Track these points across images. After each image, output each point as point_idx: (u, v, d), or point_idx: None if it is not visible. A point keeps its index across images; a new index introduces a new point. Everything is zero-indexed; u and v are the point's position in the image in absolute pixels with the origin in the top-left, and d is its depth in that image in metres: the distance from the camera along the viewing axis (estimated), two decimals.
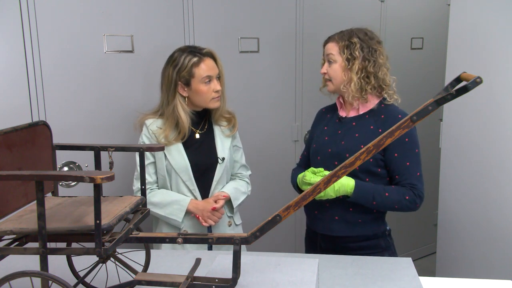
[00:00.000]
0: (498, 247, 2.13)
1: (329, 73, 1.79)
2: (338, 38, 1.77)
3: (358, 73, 1.72)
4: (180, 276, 1.23)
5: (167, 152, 1.89)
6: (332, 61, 1.77)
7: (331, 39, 1.80)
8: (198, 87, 1.86)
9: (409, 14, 3.29)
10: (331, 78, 1.79)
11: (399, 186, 1.70)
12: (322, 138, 1.85)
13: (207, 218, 1.87)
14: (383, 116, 1.75)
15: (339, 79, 1.77)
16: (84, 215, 1.12)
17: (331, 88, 1.82)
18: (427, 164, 3.47)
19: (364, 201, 1.67)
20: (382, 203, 1.67)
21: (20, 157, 1.18)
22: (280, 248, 2.83)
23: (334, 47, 1.77)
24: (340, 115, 1.85)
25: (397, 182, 1.72)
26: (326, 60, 1.80)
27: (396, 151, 1.70)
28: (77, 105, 2.13)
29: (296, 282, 1.24)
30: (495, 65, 2.08)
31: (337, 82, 1.78)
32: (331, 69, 1.78)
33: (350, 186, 1.65)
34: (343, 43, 1.75)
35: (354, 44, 1.73)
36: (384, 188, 1.69)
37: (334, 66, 1.77)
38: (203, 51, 1.89)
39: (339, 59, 1.76)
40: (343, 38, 1.75)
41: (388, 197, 1.67)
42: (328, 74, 1.79)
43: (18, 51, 1.96)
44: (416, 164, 1.72)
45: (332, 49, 1.77)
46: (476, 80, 1.02)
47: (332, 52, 1.77)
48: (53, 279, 1.01)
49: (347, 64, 1.74)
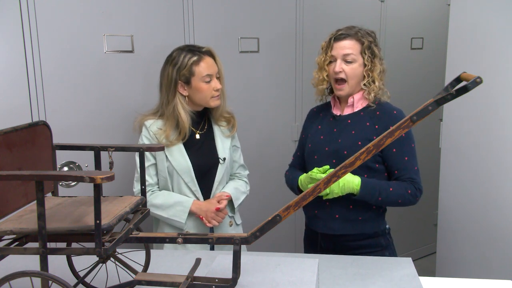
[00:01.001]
0: (498, 247, 2.13)
1: (346, 72, 1.72)
2: (360, 37, 1.71)
3: (380, 73, 1.73)
4: (180, 276, 1.23)
5: (168, 153, 1.88)
6: (351, 61, 1.71)
7: (348, 36, 1.72)
8: (198, 86, 1.86)
9: (409, 14, 3.29)
10: (348, 78, 1.72)
11: (400, 181, 1.71)
12: (317, 137, 1.84)
13: (211, 219, 1.87)
14: (378, 113, 1.75)
15: (358, 79, 1.74)
16: (84, 215, 1.12)
17: (345, 91, 1.74)
18: (427, 164, 3.49)
19: (369, 198, 1.67)
20: (387, 199, 1.67)
21: (20, 157, 1.18)
22: (280, 248, 2.83)
23: (355, 46, 1.71)
24: (334, 113, 1.84)
25: (397, 177, 1.72)
26: (340, 59, 1.73)
27: (394, 146, 1.70)
28: (77, 105, 2.13)
29: (296, 282, 1.24)
30: (495, 65, 2.08)
31: (354, 82, 1.73)
32: (350, 69, 1.71)
33: (356, 183, 1.64)
34: (366, 42, 1.71)
35: (371, 42, 1.73)
36: (387, 183, 1.69)
37: (354, 66, 1.72)
38: (203, 49, 1.89)
39: (360, 59, 1.72)
40: (364, 37, 1.72)
41: (392, 192, 1.67)
42: (344, 73, 1.72)
43: (18, 51, 1.96)
44: (413, 158, 1.73)
45: (352, 47, 1.71)
46: (476, 80, 1.02)
47: (352, 51, 1.71)
48: (53, 279, 1.01)
49: (368, 65, 1.72)
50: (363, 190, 1.64)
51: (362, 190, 1.64)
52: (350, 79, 1.73)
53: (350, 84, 1.74)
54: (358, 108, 1.79)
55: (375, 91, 1.74)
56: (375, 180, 1.70)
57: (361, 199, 1.67)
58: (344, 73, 1.73)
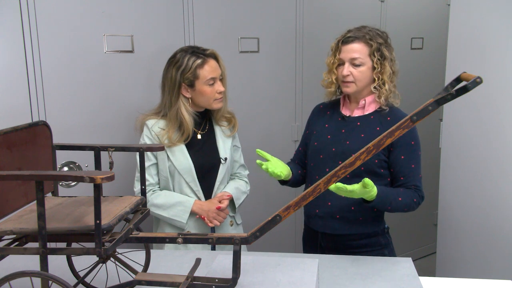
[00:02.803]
0: (498, 247, 2.13)
1: (354, 75, 1.71)
2: (368, 40, 1.70)
3: (390, 75, 1.72)
4: (180, 276, 1.23)
5: (170, 153, 1.88)
6: (359, 64, 1.70)
7: (356, 40, 1.71)
8: (202, 89, 1.86)
9: (409, 14, 3.29)
10: (356, 80, 1.72)
11: (406, 189, 1.70)
12: (324, 136, 1.82)
13: (212, 219, 1.87)
14: (389, 118, 1.74)
15: (366, 81, 1.73)
16: (84, 215, 1.12)
17: (351, 90, 1.74)
18: (427, 164, 3.47)
19: (381, 206, 1.63)
20: (395, 207, 1.66)
21: (20, 157, 1.18)
22: (280, 248, 2.83)
23: (363, 49, 1.70)
24: (343, 113, 1.83)
25: (401, 183, 1.71)
26: (348, 62, 1.72)
27: (403, 153, 1.70)
28: (77, 105, 2.13)
29: (296, 282, 1.24)
30: (495, 65, 2.08)
31: (362, 84, 1.73)
32: (358, 72, 1.71)
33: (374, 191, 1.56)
34: (374, 45, 1.70)
35: (382, 44, 1.71)
36: (397, 193, 1.67)
37: (362, 69, 1.71)
38: (207, 52, 1.88)
39: (368, 62, 1.71)
40: (372, 40, 1.70)
41: (401, 201, 1.65)
42: (351, 76, 1.72)
43: (18, 51, 1.96)
44: (419, 166, 1.73)
45: (360, 51, 1.70)
46: (476, 80, 1.02)
47: (359, 55, 1.70)
48: (53, 279, 1.01)
49: (378, 67, 1.70)
50: (378, 198, 1.58)
51: (377, 198, 1.58)
52: (358, 81, 1.72)
53: (358, 85, 1.73)
54: (368, 111, 1.77)
55: (386, 94, 1.73)
56: (388, 189, 1.66)
57: (372, 206, 1.62)
58: (351, 76, 1.72)
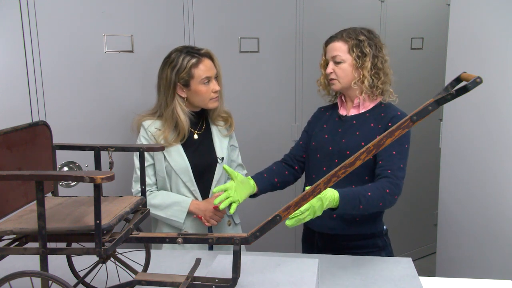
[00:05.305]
0: (498, 247, 2.13)
1: (336, 72, 1.78)
2: (346, 37, 1.76)
3: (370, 70, 1.74)
4: (180, 276, 1.23)
5: (166, 153, 1.88)
6: (340, 61, 1.76)
7: (335, 39, 1.78)
8: (197, 88, 1.86)
9: (409, 14, 3.29)
10: (338, 77, 1.78)
11: (376, 181, 1.63)
12: (321, 136, 1.85)
13: (209, 218, 1.87)
14: (383, 114, 1.76)
15: (349, 78, 1.76)
16: (84, 215, 1.12)
17: (337, 87, 1.80)
18: (427, 164, 3.50)
19: (351, 208, 1.53)
20: (368, 204, 1.54)
21: (20, 157, 1.18)
22: (280, 248, 2.83)
23: (342, 47, 1.76)
24: (341, 113, 1.85)
25: (379, 167, 1.66)
26: (331, 60, 1.79)
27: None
28: (77, 105, 2.13)
29: (296, 282, 1.24)
30: (495, 65, 2.08)
31: (345, 81, 1.77)
32: (339, 69, 1.77)
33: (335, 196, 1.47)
34: (351, 42, 1.74)
35: (363, 41, 1.74)
36: (363, 188, 1.58)
37: (343, 66, 1.76)
38: (201, 51, 1.88)
39: (348, 58, 1.75)
40: (350, 37, 1.75)
41: (371, 196, 1.55)
42: (334, 74, 1.78)
43: (18, 51, 1.96)
44: (402, 156, 1.68)
45: (339, 49, 1.76)
46: (476, 80, 1.02)
47: (339, 52, 1.76)
48: (53, 279, 1.01)
49: (358, 63, 1.74)
50: (343, 200, 1.49)
51: (342, 200, 1.48)
52: (340, 78, 1.78)
53: (341, 82, 1.78)
54: (364, 109, 1.80)
55: (366, 90, 1.75)
56: (351, 188, 1.57)
57: (343, 212, 1.51)
58: (334, 73, 1.78)
